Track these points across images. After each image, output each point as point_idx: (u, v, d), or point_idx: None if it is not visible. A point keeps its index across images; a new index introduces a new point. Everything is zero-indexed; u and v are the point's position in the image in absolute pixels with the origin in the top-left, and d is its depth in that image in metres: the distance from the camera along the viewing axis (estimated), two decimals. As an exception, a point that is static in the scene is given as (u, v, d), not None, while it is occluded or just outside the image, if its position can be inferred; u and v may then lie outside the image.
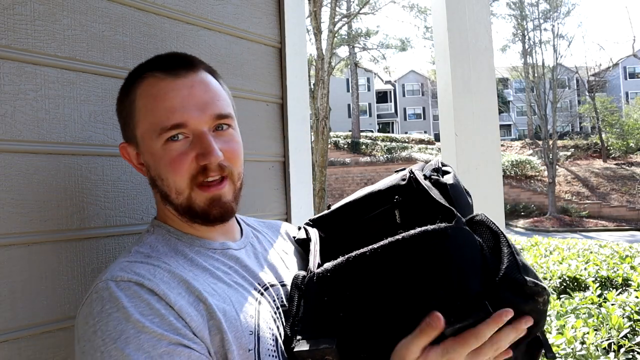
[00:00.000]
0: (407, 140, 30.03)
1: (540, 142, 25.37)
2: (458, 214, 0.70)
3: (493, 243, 0.70)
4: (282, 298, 0.82)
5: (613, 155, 26.29)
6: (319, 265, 0.77)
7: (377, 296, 0.69)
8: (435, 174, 0.87)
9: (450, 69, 1.53)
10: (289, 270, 0.90)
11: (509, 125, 35.12)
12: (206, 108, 0.78)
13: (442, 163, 0.92)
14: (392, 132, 37.93)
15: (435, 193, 0.80)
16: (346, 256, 0.72)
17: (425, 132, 37.83)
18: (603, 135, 26.66)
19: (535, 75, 25.86)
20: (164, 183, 0.79)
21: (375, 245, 0.70)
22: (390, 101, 41.32)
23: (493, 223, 0.73)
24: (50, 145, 0.95)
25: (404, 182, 0.88)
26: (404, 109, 40.84)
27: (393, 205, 0.88)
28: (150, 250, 0.78)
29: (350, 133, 29.73)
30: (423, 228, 0.68)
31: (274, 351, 0.74)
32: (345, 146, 27.14)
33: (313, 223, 0.97)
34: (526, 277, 0.65)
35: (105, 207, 1.02)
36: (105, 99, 1.03)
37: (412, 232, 0.68)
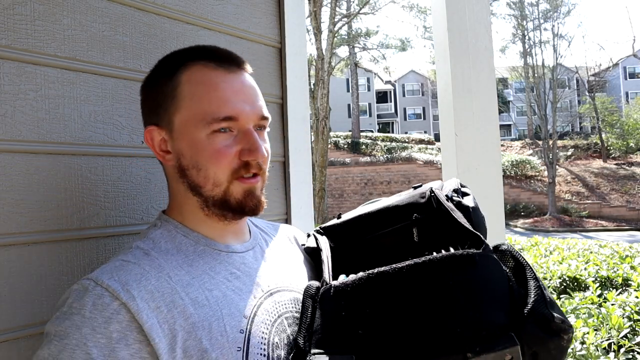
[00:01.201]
0: (407, 140, 30.03)
1: (540, 142, 25.37)
2: (486, 241, 0.70)
3: (519, 274, 0.70)
4: (285, 304, 0.80)
5: (613, 155, 26.29)
6: (334, 278, 0.76)
7: (399, 317, 0.67)
8: (456, 194, 0.86)
9: (450, 69, 1.53)
10: (294, 275, 0.88)
11: (509, 125, 35.12)
12: (254, 106, 0.79)
13: (461, 184, 0.91)
14: (392, 132, 37.94)
15: (458, 215, 0.79)
16: (367, 272, 0.70)
17: (425, 132, 37.84)
18: (603, 135, 26.66)
19: (535, 75, 25.86)
20: (201, 173, 0.77)
21: (399, 265, 0.68)
22: (390, 101, 41.32)
23: (518, 253, 0.73)
24: (50, 145, 0.95)
25: (423, 200, 0.87)
26: (404, 109, 40.84)
27: (411, 223, 0.86)
28: (152, 247, 0.76)
29: (350, 133, 29.73)
30: (451, 252, 0.67)
31: None
32: (345, 146, 27.15)
33: (324, 231, 0.95)
34: (554, 313, 0.64)
35: (105, 207, 1.02)
36: (105, 99, 1.03)
37: (439, 255, 0.67)
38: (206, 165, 0.76)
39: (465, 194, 0.87)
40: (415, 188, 0.93)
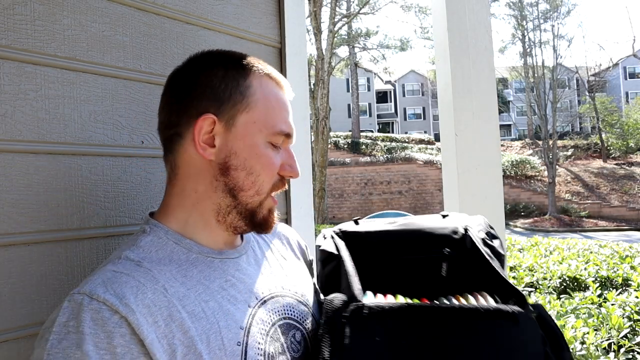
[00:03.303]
0: (407, 140, 30.03)
1: (540, 142, 25.37)
2: (528, 303, 0.72)
3: (551, 339, 0.72)
4: (279, 311, 0.79)
5: (613, 155, 26.29)
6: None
7: (435, 356, 0.67)
8: (488, 237, 0.87)
9: (450, 69, 1.53)
10: (287, 277, 0.86)
11: (509, 125, 35.12)
12: (295, 132, 0.83)
13: (490, 225, 0.93)
14: (392, 132, 37.94)
15: (497, 265, 0.80)
16: (407, 302, 0.72)
17: (425, 132, 37.85)
18: (603, 135, 26.67)
19: (535, 75, 25.86)
20: (250, 177, 0.77)
21: (443, 305, 0.71)
22: (390, 101, 41.33)
23: (551, 318, 0.75)
24: (50, 145, 0.95)
25: (456, 237, 0.86)
26: (404, 109, 40.84)
27: (442, 257, 0.86)
28: (142, 257, 0.73)
29: (350, 133, 29.73)
30: (499, 306, 0.70)
31: None
32: (345, 146, 27.15)
33: (343, 235, 0.91)
34: None
35: (105, 207, 1.02)
36: (105, 99, 1.03)
37: (486, 305, 0.70)
38: (259, 172, 0.77)
39: (494, 237, 0.89)
40: (443, 217, 0.93)
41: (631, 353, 2.68)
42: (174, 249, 0.76)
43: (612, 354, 2.61)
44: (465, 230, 0.87)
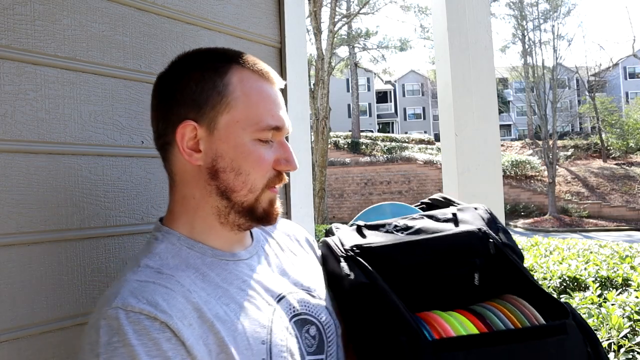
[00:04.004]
0: (407, 140, 30.02)
1: (540, 142, 25.37)
2: (563, 306, 0.78)
3: (586, 336, 0.76)
4: (294, 307, 0.79)
5: (613, 155, 26.29)
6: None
7: None
8: (505, 236, 0.89)
9: (450, 69, 1.53)
10: (300, 273, 0.87)
11: (509, 125, 35.12)
12: (288, 120, 0.80)
13: (489, 211, 0.96)
14: (392, 132, 37.94)
15: (528, 274, 0.83)
16: (474, 334, 0.75)
17: (425, 132, 37.85)
18: (603, 135, 26.66)
19: (535, 75, 25.85)
20: (240, 178, 0.75)
21: (508, 330, 0.75)
22: (390, 101, 41.33)
23: (581, 316, 0.79)
24: (50, 145, 0.95)
25: (479, 244, 0.85)
26: (404, 109, 40.85)
27: (473, 268, 0.85)
28: (160, 264, 0.73)
29: (350, 133, 29.73)
30: (554, 323, 0.75)
31: None
32: (345, 146, 27.15)
33: (360, 252, 0.85)
34: None
35: (105, 207, 1.02)
36: (105, 99, 1.03)
37: (548, 325, 0.75)
38: (248, 171, 0.76)
39: (499, 229, 0.90)
40: (453, 218, 0.90)
41: (631, 353, 2.68)
42: (189, 254, 0.76)
43: (612, 354, 2.61)
44: (486, 235, 0.86)
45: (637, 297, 3.25)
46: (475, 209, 0.95)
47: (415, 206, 1.09)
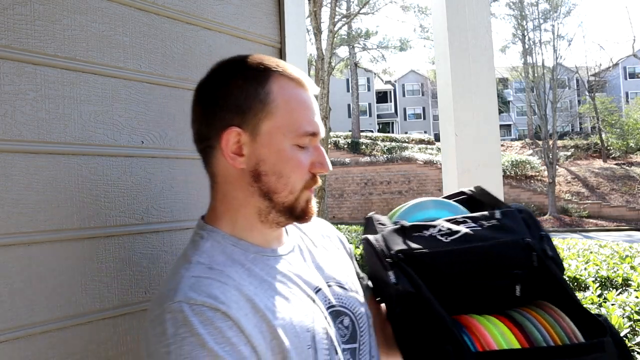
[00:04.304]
0: (407, 140, 30.02)
1: (540, 142, 25.37)
2: (600, 321, 0.78)
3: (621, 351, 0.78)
4: (329, 299, 0.85)
5: (613, 155, 26.29)
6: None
7: None
8: (549, 248, 0.89)
9: (450, 69, 1.53)
10: (332, 268, 0.92)
11: (509, 125, 35.10)
12: (322, 126, 0.85)
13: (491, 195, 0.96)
14: (392, 132, 37.94)
15: (568, 287, 0.84)
16: (526, 348, 0.76)
17: (425, 132, 37.85)
18: (603, 135, 26.66)
19: (535, 75, 25.85)
20: (282, 180, 0.80)
21: (548, 347, 0.76)
22: (390, 101, 41.33)
23: (617, 331, 0.80)
24: (50, 145, 0.95)
25: (524, 256, 0.85)
26: (404, 109, 40.85)
27: (514, 280, 0.86)
28: (210, 261, 0.78)
29: (350, 133, 29.73)
30: (593, 342, 0.76)
31: (328, 357, 0.78)
32: (345, 146, 27.14)
33: (406, 258, 0.85)
34: None
35: (105, 207, 1.02)
36: (105, 99, 1.03)
37: (587, 343, 0.77)
38: (289, 174, 0.80)
39: (547, 238, 0.89)
40: (498, 237, 0.88)
41: (631, 353, 2.67)
42: (233, 251, 0.81)
43: (612, 354, 2.60)
44: (529, 246, 0.85)
45: (637, 297, 3.25)
46: (520, 211, 0.92)
47: (455, 196, 1.06)
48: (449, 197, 1.07)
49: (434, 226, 0.90)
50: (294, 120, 0.80)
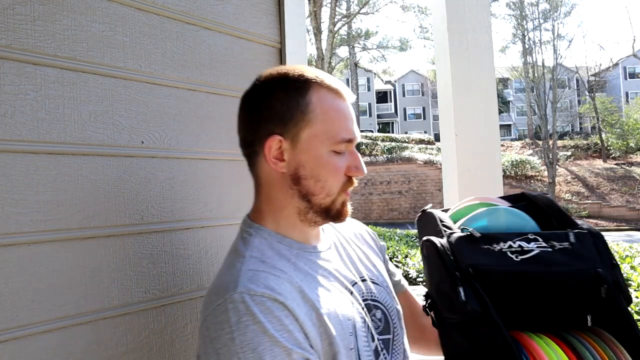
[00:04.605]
0: (407, 140, 29.98)
1: (540, 142, 25.36)
2: None
3: None
4: (364, 293, 0.92)
5: (613, 155, 26.27)
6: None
7: None
8: (622, 281, 0.87)
9: (450, 69, 1.53)
10: (365, 264, 0.99)
11: (509, 125, 35.11)
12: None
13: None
14: (392, 132, 37.92)
15: (632, 321, 0.83)
16: None
17: (425, 132, 37.83)
18: (603, 135, 26.66)
19: (535, 75, 25.85)
20: (319, 184, 0.86)
21: None
22: (390, 101, 41.33)
23: None
24: (50, 145, 0.95)
25: (593, 288, 0.83)
26: (404, 109, 40.85)
27: (582, 310, 0.84)
28: (261, 255, 0.84)
29: (350, 133, 29.62)
30: None
31: (367, 344, 0.85)
32: (345, 146, 27.04)
33: (475, 274, 0.83)
34: None
35: (106, 206, 1.02)
36: (105, 99, 1.03)
37: None
38: (326, 178, 0.86)
39: (617, 266, 0.87)
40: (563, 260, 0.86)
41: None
42: (279, 247, 0.87)
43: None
44: (600, 278, 0.83)
45: (637, 297, 3.25)
46: (592, 235, 0.89)
47: (516, 199, 1.02)
48: (507, 198, 1.03)
49: (505, 240, 0.87)
50: (331, 128, 0.86)
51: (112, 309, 1.01)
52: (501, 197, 1.04)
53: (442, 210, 1.04)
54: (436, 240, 0.88)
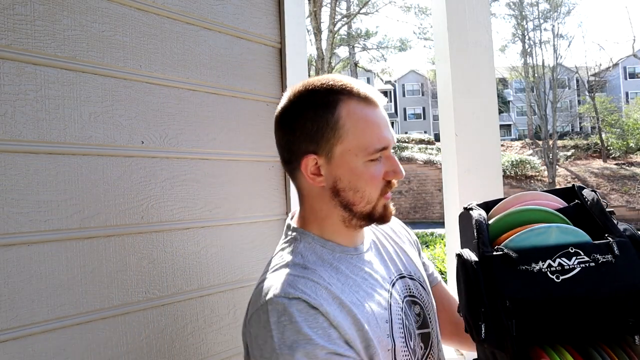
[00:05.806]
0: (407, 140, 29.97)
1: (540, 142, 25.36)
2: None
3: None
4: (402, 290, 0.96)
5: (613, 155, 26.26)
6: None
7: None
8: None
9: (450, 69, 1.53)
10: (403, 261, 1.03)
11: (509, 125, 35.10)
12: (393, 135, 0.92)
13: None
14: (392, 132, 37.81)
15: None
16: None
17: (425, 132, 37.81)
18: (603, 135, 26.65)
19: (535, 75, 25.85)
20: (358, 194, 0.89)
21: None
22: (390, 101, 41.31)
23: None
24: (50, 145, 0.95)
25: (637, 307, 0.79)
26: (404, 109, 40.84)
27: (626, 329, 0.81)
28: (304, 260, 0.89)
29: (350, 133, 29.59)
30: None
31: (404, 345, 0.88)
32: (345, 146, 27.02)
33: (513, 307, 0.78)
34: None
35: (105, 207, 1.02)
36: (105, 99, 1.03)
37: None
38: (363, 188, 0.89)
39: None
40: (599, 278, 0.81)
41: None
42: (322, 251, 0.92)
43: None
44: None
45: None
46: (635, 243, 0.84)
47: (566, 195, 0.97)
48: (558, 192, 0.98)
49: (544, 259, 0.81)
50: (363, 141, 0.87)
51: (112, 309, 1.01)
52: (551, 191, 0.97)
53: (485, 205, 0.97)
54: (467, 256, 0.83)
